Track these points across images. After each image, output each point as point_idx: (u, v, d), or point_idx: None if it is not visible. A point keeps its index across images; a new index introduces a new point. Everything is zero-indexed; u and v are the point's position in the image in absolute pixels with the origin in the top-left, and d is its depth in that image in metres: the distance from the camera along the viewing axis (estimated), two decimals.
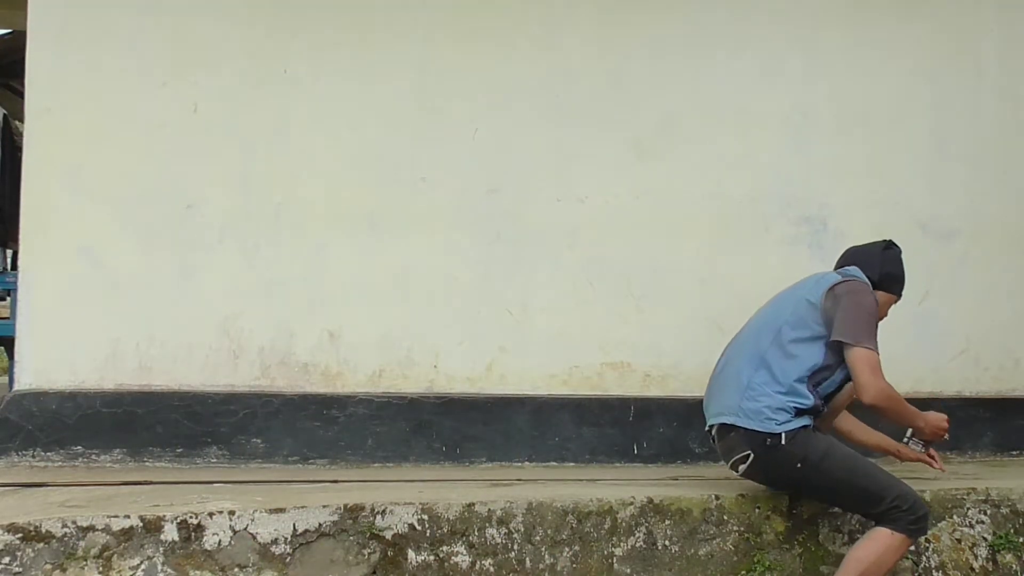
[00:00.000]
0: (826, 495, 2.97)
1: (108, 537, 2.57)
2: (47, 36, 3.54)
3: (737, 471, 2.95)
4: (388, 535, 2.76)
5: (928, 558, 3.14)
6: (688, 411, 3.85)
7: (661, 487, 3.21)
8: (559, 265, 3.85)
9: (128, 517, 2.60)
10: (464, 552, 2.82)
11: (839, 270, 3.08)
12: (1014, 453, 4.17)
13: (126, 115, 3.59)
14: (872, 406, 2.84)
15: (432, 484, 3.20)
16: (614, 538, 2.93)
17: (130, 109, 3.59)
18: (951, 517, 3.19)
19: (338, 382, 3.71)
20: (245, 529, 2.66)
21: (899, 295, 3.12)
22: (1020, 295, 4.22)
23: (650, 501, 2.99)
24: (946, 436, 3.05)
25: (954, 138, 4.21)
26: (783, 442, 2.80)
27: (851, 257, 3.14)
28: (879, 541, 2.76)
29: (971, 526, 3.20)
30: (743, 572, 3.01)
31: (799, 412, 2.84)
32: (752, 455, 2.86)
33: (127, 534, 2.58)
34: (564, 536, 2.90)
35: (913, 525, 2.77)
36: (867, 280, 3.00)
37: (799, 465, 2.82)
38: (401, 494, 2.92)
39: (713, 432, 3.04)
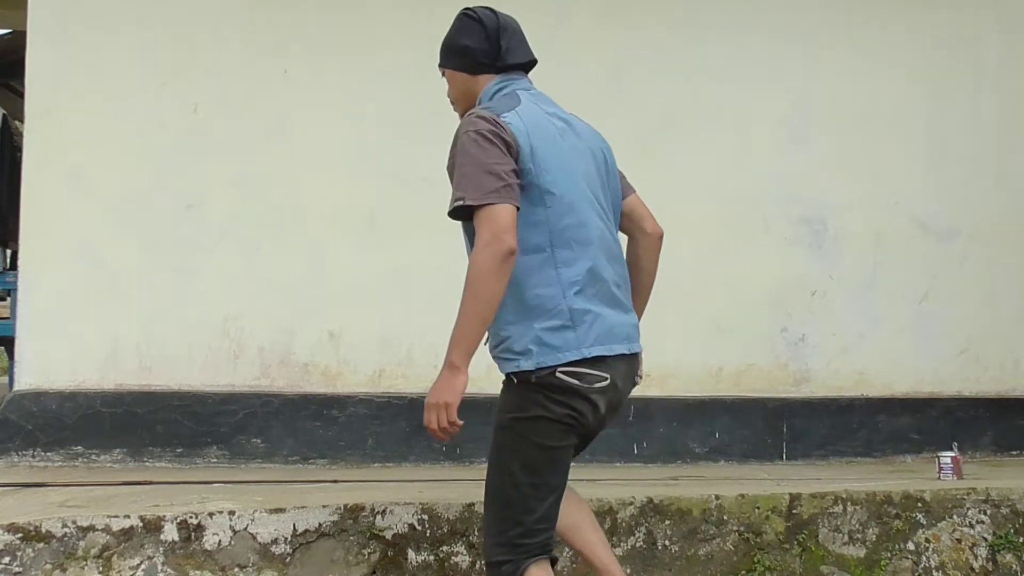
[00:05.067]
0: None
1: (108, 537, 2.56)
2: (47, 36, 3.54)
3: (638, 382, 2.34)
4: (388, 535, 2.75)
5: (928, 558, 3.14)
6: (688, 411, 3.86)
7: (661, 487, 3.21)
8: None
9: (128, 517, 2.60)
10: (464, 552, 2.82)
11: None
12: (1014, 453, 4.17)
13: (126, 115, 3.59)
14: None
15: (432, 484, 3.20)
16: (614, 538, 2.93)
17: (130, 109, 3.59)
18: (951, 517, 3.18)
19: (338, 382, 3.71)
20: (245, 529, 2.66)
21: (481, 62, 2.31)
22: (1020, 295, 4.22)
23: (650, 501, 2.99)
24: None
25: (954, 138, 4.21)
26: None
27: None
28: None
29: (971, 526, 3.20)
30: (743, 572, 3.01)
31: None
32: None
33: (127, 534, 2.58)
34: None
35: None
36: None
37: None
38: (401, 494, 2.92)
39: (615, 365, 2.16)
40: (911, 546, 3.13)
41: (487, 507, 2.14)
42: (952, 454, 3.48)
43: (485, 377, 3.75)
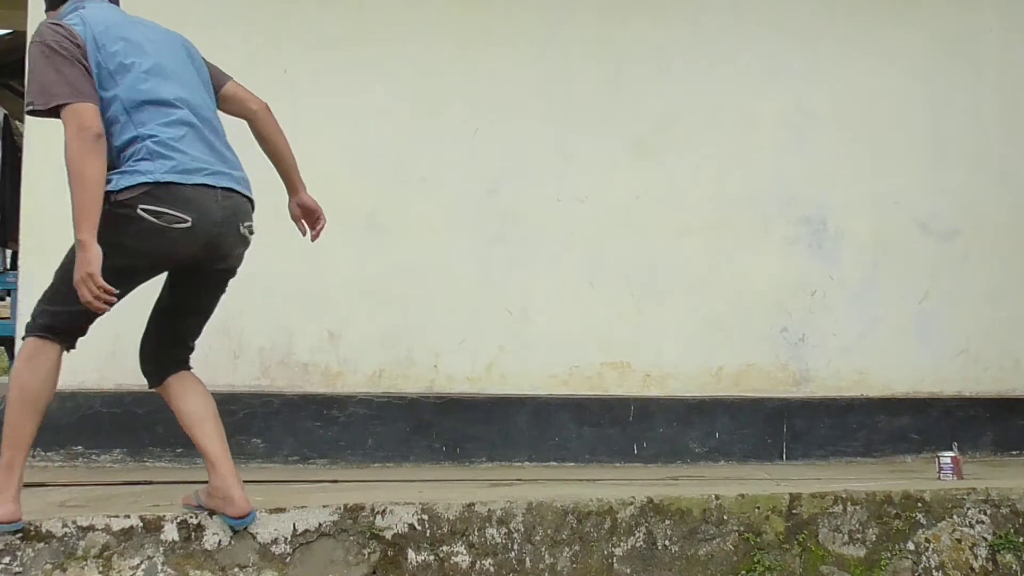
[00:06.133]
0: None
1: (108, 537, 2.56)
2: None
3: (249, 236, 2.74)
4: (388, 535, 2.75)
5: (928, 558, 3.13)
6: (688, 411, 3.86)
7: (661, 487, 3.21)
8: (559, 265, 3.85)
9: (128, 517, 2.60)
10: (464, 552, 2.82)
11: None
12: (1014, 453, 4.17)
13: None
14: None
15: (432, 484, 3.20)
16: (614, 538, 2.93)
17: None
18: (951, 517, 3.18)
19: (338, 382, 3.71)
20: (245, 529, 2.66)
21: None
22: (1020, 295, 4.22)
23: (650, 501, 2.99)
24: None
25: (954, 138, 4.21)
26: None
27: None
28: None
29: (971, 526, 3.19)
30: (743, 572, 3.01)
31: None
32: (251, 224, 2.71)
33: (127, 534, 2.58)
34: (564, 536, 2.90)
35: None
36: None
37: None
38: (401, 494, 2.92)
39: (217, 191, 2.54)
40: (911, 546, 3.13)
41: (50, 286, 2.46)
42: (952, 454, 3.49)
43: (485, 378, 3.80)
